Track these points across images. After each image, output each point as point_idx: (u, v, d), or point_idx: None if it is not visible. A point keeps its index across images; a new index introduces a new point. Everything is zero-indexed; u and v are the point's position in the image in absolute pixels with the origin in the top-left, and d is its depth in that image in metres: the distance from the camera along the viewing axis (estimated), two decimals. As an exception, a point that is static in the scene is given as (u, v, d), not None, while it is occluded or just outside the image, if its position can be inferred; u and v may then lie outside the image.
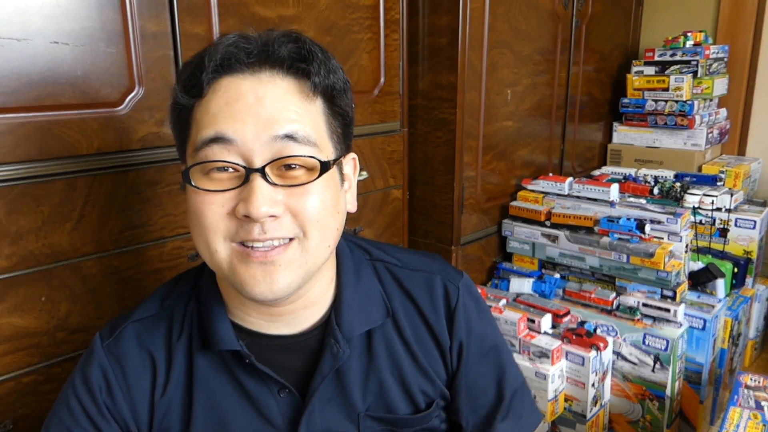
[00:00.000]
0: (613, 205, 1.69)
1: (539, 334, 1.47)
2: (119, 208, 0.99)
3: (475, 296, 0.77)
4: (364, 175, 1.40)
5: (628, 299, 1.55)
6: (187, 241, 1.08)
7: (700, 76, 2.02)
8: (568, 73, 1.95)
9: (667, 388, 1.47)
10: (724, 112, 2.17)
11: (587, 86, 2.08)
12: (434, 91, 1.59)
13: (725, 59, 2.15)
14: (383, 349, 0.71)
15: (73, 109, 0.91)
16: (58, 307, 0.95)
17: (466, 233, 1.68)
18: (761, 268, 1.91)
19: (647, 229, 1.58)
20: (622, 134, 2.19)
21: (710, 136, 2.04)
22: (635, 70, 2.10)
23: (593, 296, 1.60)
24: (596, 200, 1.73)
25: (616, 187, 1.74)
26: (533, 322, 1.49)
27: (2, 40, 0.83)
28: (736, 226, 1.78)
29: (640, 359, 1.50)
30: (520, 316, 1.47)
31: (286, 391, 0.68)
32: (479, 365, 0.75)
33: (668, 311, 1.50)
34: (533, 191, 1.83)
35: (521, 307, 1.54)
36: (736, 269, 1.75)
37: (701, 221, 1.80)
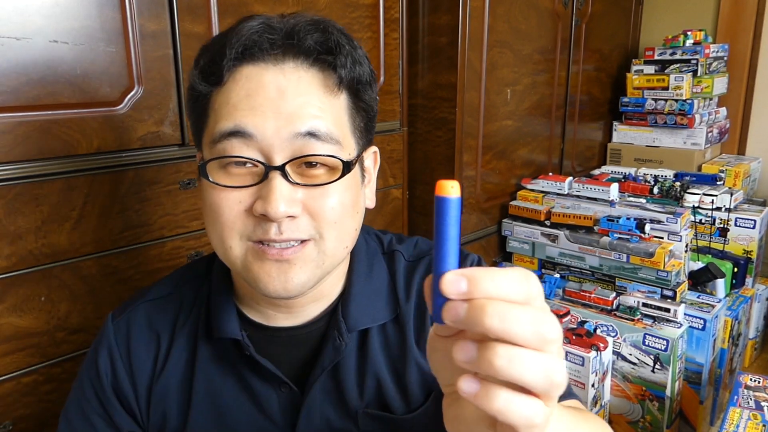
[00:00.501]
0: (612, 204, 1.69)
1: (539, 333, 1.47)
2: (119, 207, 0.98)
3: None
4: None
5: (628, 299, 1.55)
6: (186, 240, 1.08)
7: (699, 75, 2.02)
8: (567, 72, 1.95)
9: (667, 388, 1.47)
10: (723, 111, 2.17)
11: (587, 85, 2.08)
12: (434, 90, 1.59)
13: (725, 58, 2.15)
14: (380, 346, 0.70)
15: (72, 108, 0.91)
16: (57, 307, 0.95)
17: (465, 233, 1.68)
18: (761, 267, 1.91)
19: (647, 228, 1.57)
20: (621, 133, 2.19)
21: (710, 135, 2.04)
22: (635, 69, 2.10)
23: (593, 296, 1.60)
24: (596, 200, 1.73)
25: (615, 186, 1.73)
26: (533, 321, 1.48)
27: (1, 39, 0.83)
28: (736, 225, 1.78)
29: (640, 359, 1.50)
30: (520, 315, 1.46)
31: (286, 386, 0.68)
32: None
33: (668, 311, 1.50)
34: (533, 191, 1.82)
35: (521, 306, 1.54)
36: (736, 269, 1.75)
37: (701, 221, 1.80)
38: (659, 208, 1.64)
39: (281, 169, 0.57)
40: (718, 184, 1.86)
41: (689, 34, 2.05)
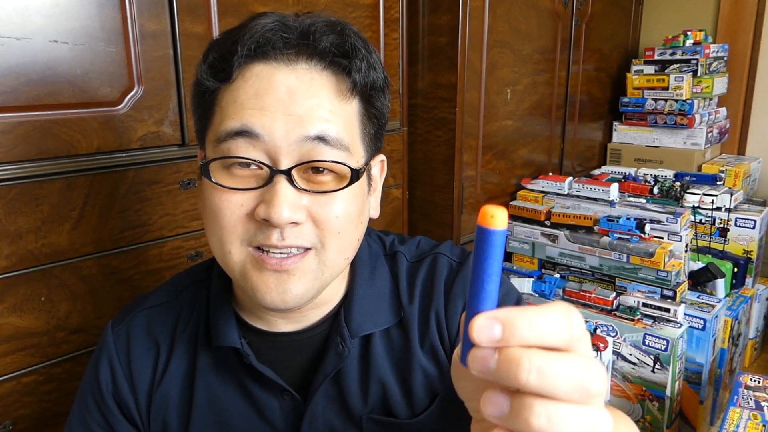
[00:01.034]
0: (612, 204, 1.69)
1: (539, 333, 1.47)
2: (119, 207, 0.98)
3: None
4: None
5: (627, 299, 1.55)
6: (186, 240, 1.08)
7: (699, 75, 2.02)
8: (567, 72, 1.95)
9: (667, 388, 1.47)
10: (723, 111, 2.17)
11: (587, 85, 2.08)
12: (434, 90, 1.58)
13: (725, 58, 2.15)
14: (384, 351, 0.68)
15: (72, 108, 0.91)
16: (57, 307, 0.95)
17: (466, 233, 1.68)
18: (761, 267, 1.91)
19: (647, 228, 1.57)
20: (621, 133, 2.19)
21: (710, 135, 2.04)
22: (635, 69, 2.10)
23: (593, 296, 1.60)
24: (596, 200, 1.73)
25: (615, 186, 1.73)
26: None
27: (1, 39, 0.83)
28: (736, 225, 1.78)
29: (639, 359, 1.50)
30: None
31: (288, 393, 0.66)
32: None
33: (668, 311, 1.50)
34: (533, 191, 1.82)
35: (521, 306, 1.54)
36: (736, 269, 1.75)
37: (701, 221, 1.80)
38: (659, 208, 1.64)
39: (287, 173, 0.55)
40: (718, 184, 1.86)
41: (689, 34, 2.05)
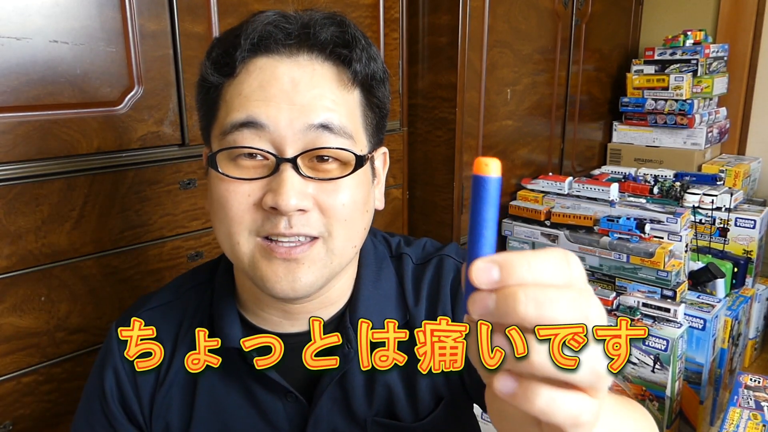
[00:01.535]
0: (612, 204, 1.69)
1: (539, 333, 1.47)
2: (119, 207, 0.98)
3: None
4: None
5: (628, 299, 1.55)
6: (186, 240, 1.08)
7: (699, 75, 2.02)
8: (567, 72, 1.95)
9: (666, 388, 1.47)
10: (723, 111, 2.17)
11: (587, 85, 2.08)
12: (434, 90, 1.58)
13: (725, 58, 2.15)
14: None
15: (72, 108, 0.91)
16: (57, 307, 0.94)
17: (466, 233, 1.68)
18: (761, 267, 1.91)
19: (647, 228, 1.57)
20: (621, 133, 2.19)
21: (710, 135, 2.04)
22: (635, 69, 2.10)
23: (593, 296, 1.60)
24: (596, 200, 1.73)
25: (615, 186, 1.73)
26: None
27: (1, 38, 0.83)
28: (736, 225, 1.78)
29: (640, 359, 1.50)
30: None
31: (292, 395, 0.66)
32: None
33: (668, 311, 1.50)
34: (533, 191, 1.82)
35: (521, 306, 1.54)
36: (736, 269, 1.75)
37: (701, 221, 1.80)
38: (659, 208, 1.64)
39: (293, 161, 0.56)
40: (718, 184, 1.86)
41: (689, 34, 2.05)
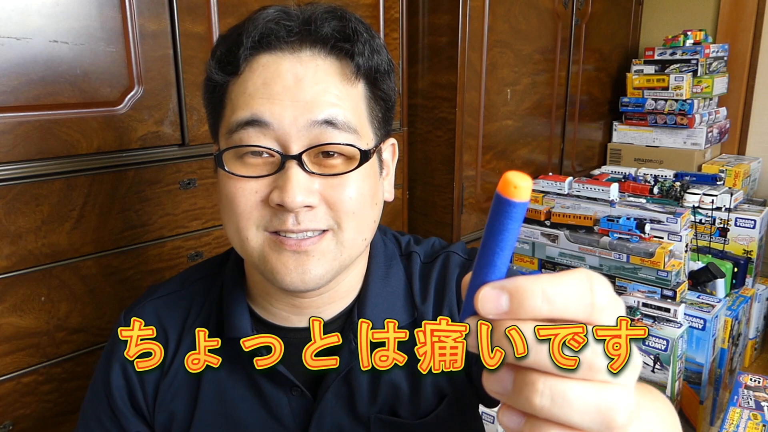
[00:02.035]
0: (612, 204, 1.69)
1: (539, 333, 1.47)
2: (119, 207, 0.98)
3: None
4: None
5: (628, 299, 1.55)
6: (186, 240, 1.08)
7: (699, 75, 2.02)
8: (567, 72, 1.95)
9: (667, 388, 1.47)
10: (723, 111, 2.17)
11: (587, 85, 2.08)
12: (434, 90, 1.58)
13: (725, 58, 2.15)
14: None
15: (72, 108, 0.91)
16: (58, 307, 0.94)
17: (466, 233, 1.68)
18: (761, 267, 1.91)
19: (647, 228, 1.57)
20: (621, 133, 2.19)
21: (710, 135, 2.04)
22: (635, 69, 2.10)
23: (593, 296, 1.60)
24: (596, 200, 1.73)
25: (615, 186, 1.73)
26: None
27: (1, 39, 0.83)
28: (736, 225, 1.78)
29: (640, 359, 1.49)
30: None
31: (298, 389, 0.66)
32: None
33: (668, 311, 1.50)
34: (533, 191, 1.82)
35: (521, 306, 1.54)
36: (736, 269, 1.75)
37: (701, 221, 1.80)
38: (659, 208, 1.64)
39: (298, 158, 0.56)
40: (718, 184, 1.86)
41: (689, 34, 2.05)
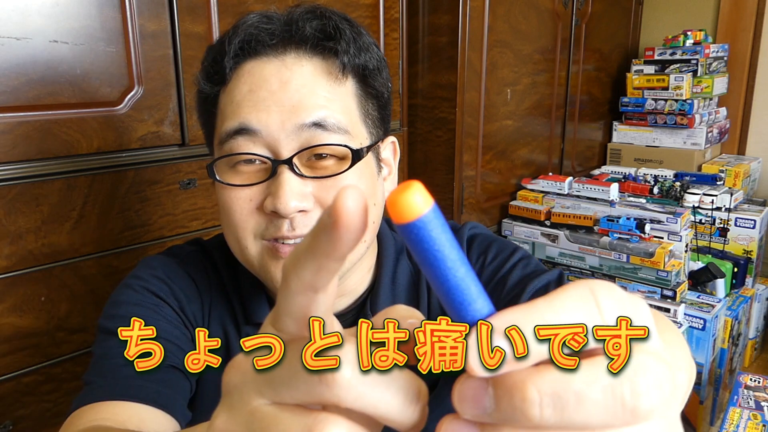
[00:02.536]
0: (612, 204, 1.69)
1: (539, 333, 1.47)
2: (119, 207, 0.98)
3: (483, 233, 0.73)
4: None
5: (628, 299, 1.55)
6: (186, 240, 1.08)
7: (699, 75, 2.02)
8: (567, 72, 1.95)
9: (667, 387, 1.47)
10: (723, 111, 2.17)
11: (587, 85, 2.08)
12: (434, 90, 1.58)
13: (725, 58, 2.15)
14: None
15: (72, 108, 0.91)
16: (58, 307, 0.94)
17: (465, 233, 1.68)
18: (761, 267, 1.91)
19: (647, 228, 1.57)
20: (621, 133, 2.19)
21: (710, 135, 2.04)
22: (635, 69, 2.10)
23: (593, 296, 1.60)
24: (596, 200, 1.73)
25: (615, 186, 1.73)
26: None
27: (1, 39, 0.83)
28: (736, 225, 1.78)
29: (640, 359, 1.49)
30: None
31: None
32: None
33: (668, 311, 1.50)
34: (533, 191, 1.82)
35: (521, 306, 1.54)
36: (736, 269, 1.75)
37: (701, 221, 1.80)
38: (659, 208, 1.64)
39: (288, 162, 0.56)
40: (718, 184, 1.86)
41: (689, 34, 2.05)
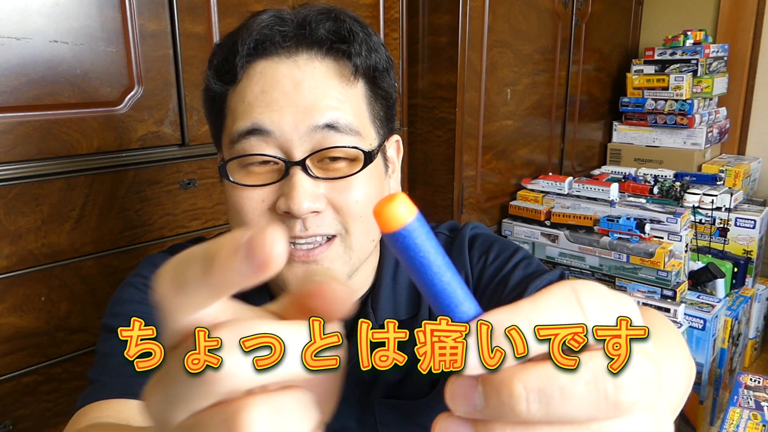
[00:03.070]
0: (612, 204, 1.69)
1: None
2: (119, 207, 0.98)
3: (485, 233, 0.74)
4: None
5: (628, 299, 1.55)
6: (186, 240, 1.08)
7: (699, 75, 2.02)
8: (567, 72, 1.95)
9: (667, 387, 1.47)
10: (723, 111, 2.17)
11: (587, 85, 2.08)
12: (434, 90, 1.58)
13: (725, 58, 2.15)
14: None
15: (72, 108, 0.91)
16: (58, 307, 0.94)
17: (465, 233, 1.68)
18: (761, 267, 1.91)
19: (647, 228, 1.57)
20: (621, 133, 2.19)
21: (710, 135, 2.04)
22: (635, 69, 2.10)
23: (593, 296, 1.60)
24: (596, 200, 1.73)
25: (615, 186, 1.73)
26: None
27: (1, 39, 0.83)
28: (735, 225, 1.78)
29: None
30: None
31: None
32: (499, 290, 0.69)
33: (668, 311, 1.50)
34: (533, 191, 1.82)
35: (521, 306, 1.54)
36: (736, 269, 1.75)
37: (701, 221, 1.80)
38: (659, 208, 1.64)
39: (302, 164, 0.56)
40: (718, 184, 1.86)
41: (689, 34, 2.05)
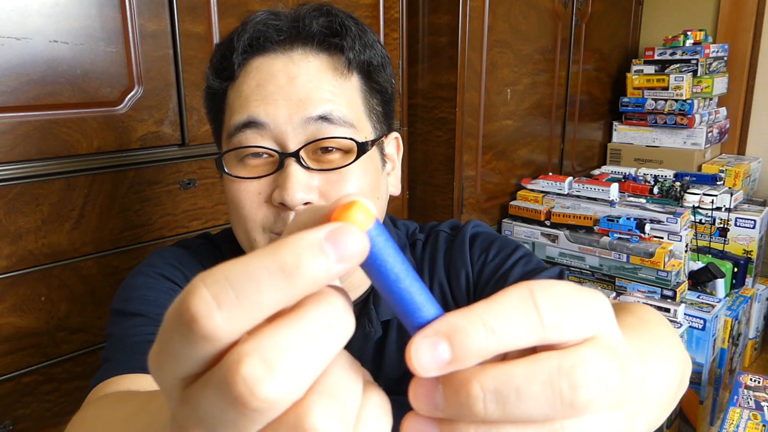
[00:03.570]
0: (612, 204, 1.69)
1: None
2: (119, 207, 0.98)
3: (486, 231, 0.75)
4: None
5: (628, 299, 1.55)
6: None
7: (699, 75, 2.02)
8: (567, 72, 1.95)
9: (667, 387, 1.47)
10: (723, 111, 2.17)
11: (587, 85, 2.08)
12: (434, 90, 1.58)
13: (725, 58, 2.15)
14: (396, 339, 0.69)
15: (72, 108, 0.91)
16: (58, 307, 0.94)
17: (465, 233, 1.68)
18: (761, 267, 1.91)
19: (647, 228, 1.57)
20: (621, 133, 2.19)
21: (710, 135, 2.04)
22: (635, 69, 2.10)
23: (593, 296, 1.60)
24: (596, 200, 1.73)
25: (615, 186, 1.73)
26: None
27: (1, 39, 0.83)
28: (736, 225, 1.78)
29: (640, 359, 1.49)
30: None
31: None
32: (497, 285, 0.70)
33: (668, 311, 1.50)
34: (533, 191, 1.82)
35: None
36: (736, 269, 1.75)
37: (701, 221, 1.80)
38: (659, 208, 1.64)
39: (295, 155, 0.57)
40: (718, 184, 1.86)
41: (689, 34, 2.05)
